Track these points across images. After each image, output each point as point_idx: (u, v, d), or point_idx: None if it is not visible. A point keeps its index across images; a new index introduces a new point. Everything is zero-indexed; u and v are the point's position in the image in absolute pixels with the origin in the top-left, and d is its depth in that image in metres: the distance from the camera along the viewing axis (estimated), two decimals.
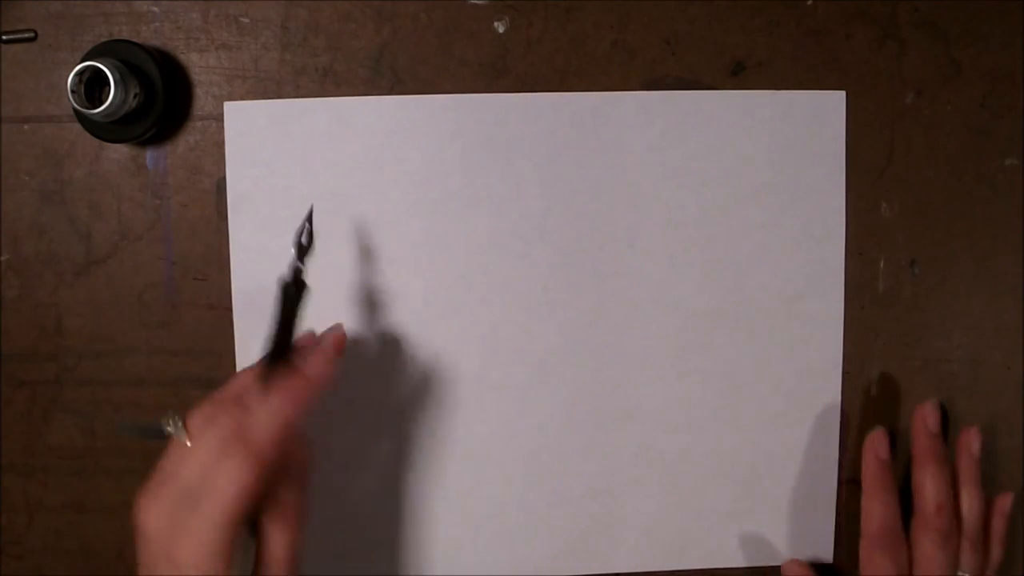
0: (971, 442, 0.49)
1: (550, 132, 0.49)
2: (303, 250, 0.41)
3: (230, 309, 0.49)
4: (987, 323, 0.51)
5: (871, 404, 0.51)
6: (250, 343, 0.49)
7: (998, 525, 0.49)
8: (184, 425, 0.40)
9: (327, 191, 0.49)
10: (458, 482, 0.50)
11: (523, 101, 0.49)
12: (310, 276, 0.41)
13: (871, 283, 0.51)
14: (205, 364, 0.49)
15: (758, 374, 0.50)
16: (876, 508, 0.47)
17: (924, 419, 0.49)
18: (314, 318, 0.48)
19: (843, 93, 0.49)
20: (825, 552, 0.52)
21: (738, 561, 0.51)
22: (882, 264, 0.51)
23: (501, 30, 0.49)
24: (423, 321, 0.49)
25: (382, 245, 0.49)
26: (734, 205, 0.50)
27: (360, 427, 0.50)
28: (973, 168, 0.50)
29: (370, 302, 0.49)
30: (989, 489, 0.51)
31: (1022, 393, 0.51)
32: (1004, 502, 0.49)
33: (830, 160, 0.50)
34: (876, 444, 0.48)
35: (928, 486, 0.47)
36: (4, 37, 0.48)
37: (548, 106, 0.49)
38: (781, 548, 0.51)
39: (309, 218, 0.41)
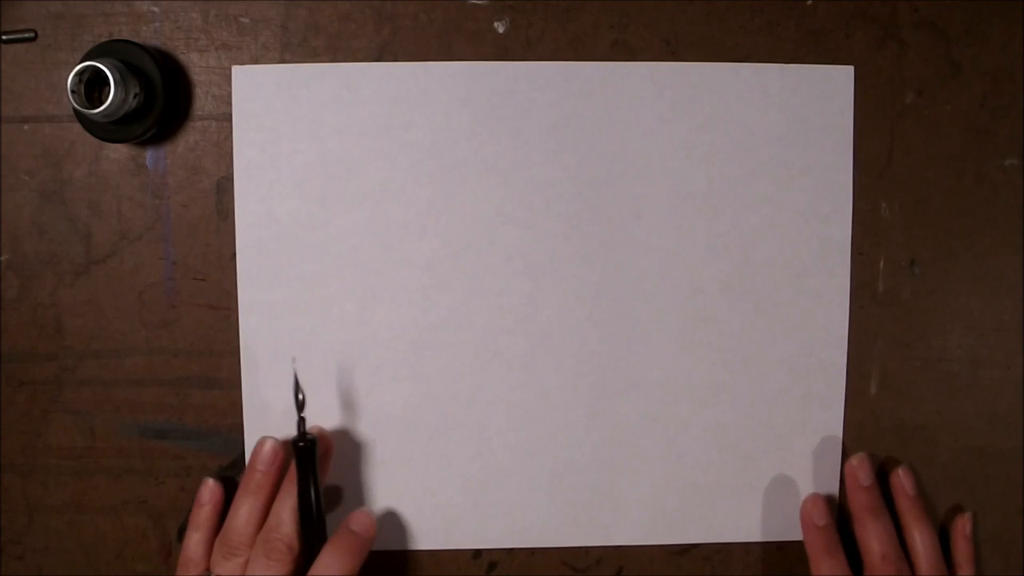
0: (904, 484, 0.49)
1: (559, 101, 0.49)
2: (301, 405, 0.45)
3: (230, 309, 0.49)
4: (987, 323, 0.51)
5: (870, 404, 0.51)
6: (255, 308, 0.49)
7: (963, 548, 0.49)
8: None
9: (334, 157, 0.49)
10: (459, 451, 0.50)
11: (533, 69, 0.49)
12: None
13: (871, 283, 0.51)
14: (205, 364, 0.49)
15: (763, 347, 0.50)
16: (824, 572, 0.48)
17: (854, 474, 0.49)
18: (323, 287, 0.49)
19: (851, 68, 0.49)
20: None
21: (741, 535, 0.51)
22: (882, 264, 0.51)
23: (501, 30, 0.49)
24: (428, 289, 0.49)
25: (388, 212, 0.49)
26: (742, 178, 0.50)
27: (362, 395, 0.50)
28: (973, 168, 0.50)
29: (375, 270, 0.49)
30: (991, 490, 0.51)
31: (1022, 393, 0.51)
32: (964, 525, 0.50)
33: (838, 135, 0.50)
34: (812, 511, 0.49)
35: (869, 540, 0.48)
36: (4, 37, 0.48)
37: (557, 75, 0.49)
38: (784, 522, 0.51)
39: (296, 381, 0.45)
